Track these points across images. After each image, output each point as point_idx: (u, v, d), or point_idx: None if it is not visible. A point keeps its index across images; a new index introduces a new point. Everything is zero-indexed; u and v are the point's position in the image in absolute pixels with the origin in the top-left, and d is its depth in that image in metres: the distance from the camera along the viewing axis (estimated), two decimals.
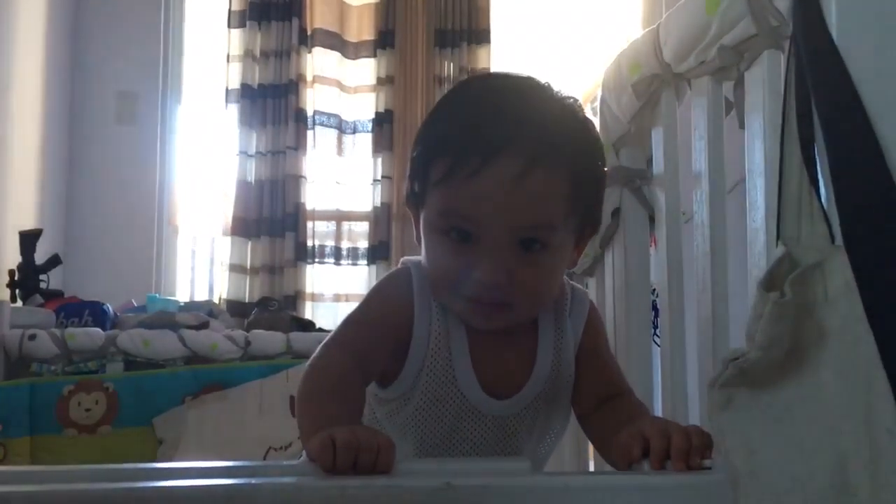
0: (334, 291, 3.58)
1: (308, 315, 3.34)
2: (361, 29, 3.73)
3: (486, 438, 0.93)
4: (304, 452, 0.79)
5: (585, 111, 0.93)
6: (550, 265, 0.88)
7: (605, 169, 0.94)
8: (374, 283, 1.02)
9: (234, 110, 3.59)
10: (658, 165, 1.36)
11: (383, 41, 3.67)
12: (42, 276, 2.70)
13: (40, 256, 2.71)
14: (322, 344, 0.92)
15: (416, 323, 0.91)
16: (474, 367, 0.91)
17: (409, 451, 0.93)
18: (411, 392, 0.92)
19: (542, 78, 0.93)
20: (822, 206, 0.73)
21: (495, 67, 3.70)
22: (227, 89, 3.60)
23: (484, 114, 0.86)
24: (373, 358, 0.91)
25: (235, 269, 3.50)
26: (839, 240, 0.71)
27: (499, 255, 0.84)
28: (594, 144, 0.92)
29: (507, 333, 0.92)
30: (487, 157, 0.82)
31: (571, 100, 0.92)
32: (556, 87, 0.93)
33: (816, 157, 0.74)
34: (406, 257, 0.98)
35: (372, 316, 0.94)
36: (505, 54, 3.87)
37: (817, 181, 0.74)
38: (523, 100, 0.88)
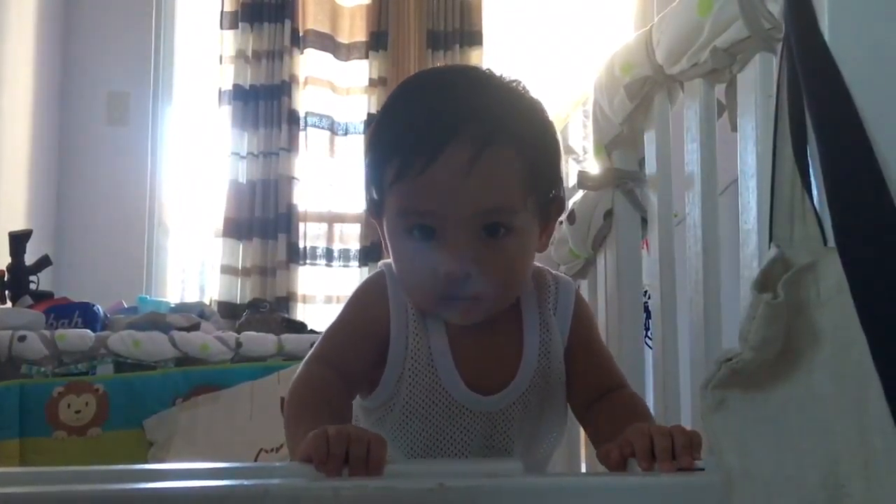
0: (326, 293, 3.57)
1: (300, 317, 3.33)
2: (354, 30, 3.72)
3: (475, 437, 0.92)
4: None
5: (531, 93, 0.92)
6: (518, 249, 0.87)
7: (560, 145, 0.95)
8: None
9: (226, 111, 3.58)
10: (650, 167, 1.36)
11: (376, 43, 3.67)
12: (32, 277, 2.68)
13: (30, 257, 2.69)
14: (304, 361, 0.91)
15: (393, 326, 0.91)
16: (457, 363, 0.91)
17: (398, 458, 0.93)
18: (395, 397, 0.92)
19: (484, 67, 0.93)
20: (815, 208, 0.74)
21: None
22: (220, 90, 3.58)
23: (427, 108, 0.86)
24: (355, 368, 0.91)
25: (227, 270, 3.49)
26: (832, 241, 0.71)
27: (464, 247, 0.83)
28: (544, 121, 0.91)
29: (490, 328, 0.92)
30: (435, 148, 0.82)
31: (516, 82, 0.91)
32: (498, 73, 0.92)
33: (809, 158, 0.75)
34: (383, 260, 0.97)
35: (349, 326, 0.93)
36: (498, 56, 3.88)
37: (810, 183, 0.74)
38: (465, 88, 0.88)
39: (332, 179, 3.62)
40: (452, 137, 0.82)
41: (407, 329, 0.91)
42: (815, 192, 0.74)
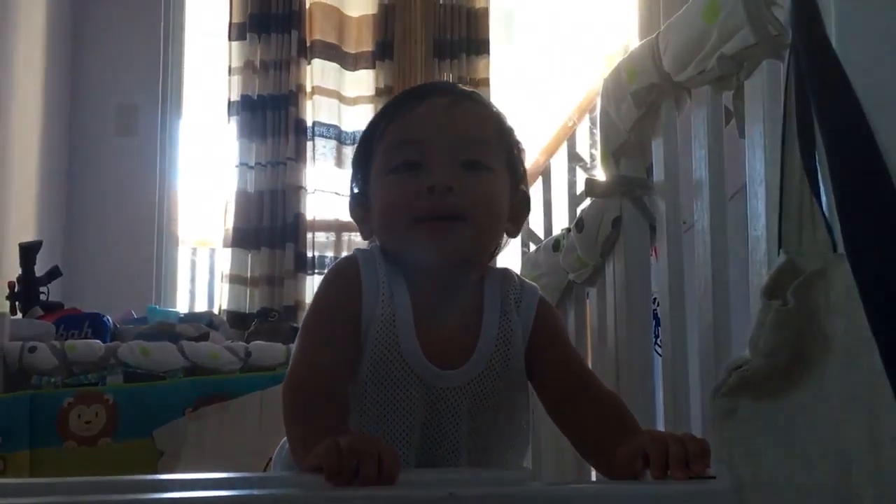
0: None
1: None
2: (360, 40, 3.74)
3: (422, 412, 0.93)
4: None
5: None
6: (493, 189, 0.96)
7: (523, 149, 1.06)
8: None
9: (234, 121, 3.59)
10: (658, 174, 1.36)
11: (382, 52, 3.68)
12: (42, 288, 2.69)
13: (40, 268, 2.71)
14: (292, 356, 0.94)
15: (365, 297, 0.94)
16: (418, 332, 0.93)
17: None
18: (361, 363, 0.93)
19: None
20: (824, 214, 0.74)
21: (494, 78, 3.70)
22: (229, 101, 3.60)
23: (413, 89, 1.06)
24: (341, 346, 0.92)
25: (235, 279, 3.50)
26: (841, 247, 0.71)
27: (446, 169, 0.93)
28: (510, 124, 1.04)
29: (453, 304, 0.96)
30: (422, 96, 0.99)
31: None
32: None
33: (817, 164, 0.75)
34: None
35: (325, 305, 0.97)
36: (503, 65, 3.88)
37: (818, 189, 0.74)
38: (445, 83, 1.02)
39: (340, 188, 3.63)
40: (436, 92, 1.00)
41: (378, 296, 0.94)
42: (823, 198, 0.74)
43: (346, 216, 3.58)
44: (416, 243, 0.93)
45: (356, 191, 1.02)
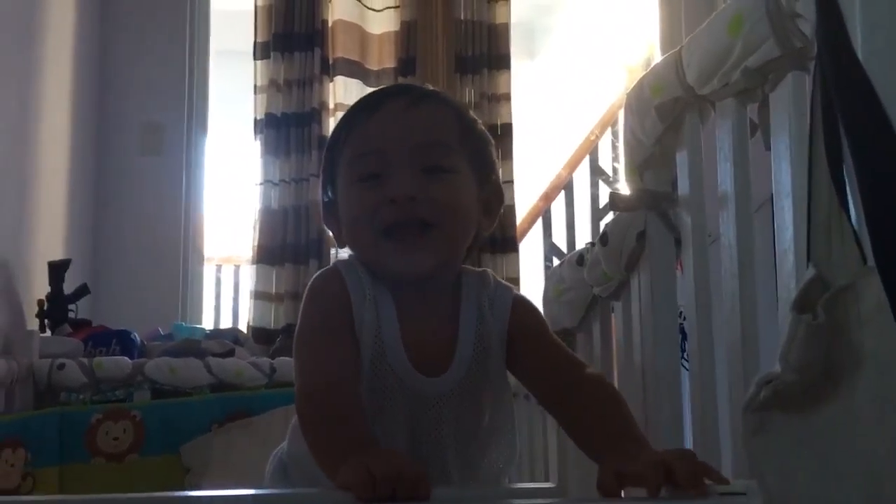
0: None
1: None
2: (382, 57, 3.76)
3: (407, 414, 0.93)
4: None
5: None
6: (457, 188, 0.96)
7: (490, 138, 1.06)
8: None
9: (258, 139, 3.62)
10: (683, 188, 1.35)
11: (404, 68, 3.70)
12: (70, 306, 2.73)
13: (69, 286, 2.74)
14: (298, 372, 0.93)
15: (354, 304, 0.95)
16: (402, 340, 0.94)
17: None
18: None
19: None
20: (853, 227, 0.73)
21: (515, 92, 3.71)
22: (255, 119, 3.63)
23: (369, 95, 1.04)
24: (345, 351, 0.93)
25: (260, 296, 3.52)
26: (871, 260, 0.70)
27: (407, 177, 0.93)
28: (472, 115, 1.05)
29: (432, 309, 0.97)
30: (378, 102, 0.99)
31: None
32: None
33: (845, 176, 0.74)
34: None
35: (319, 316, 0.97)
36: (525, 79, 3.89)
37: (847, 202, 0.73)
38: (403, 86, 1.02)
39: None
40: (392, 96, 1.00)
41: (364, 305, 0.95)
42: (852, 210, 0.73)
43: None
44: (386, 256, 0.94)
45: (326, 200, 1.04)
